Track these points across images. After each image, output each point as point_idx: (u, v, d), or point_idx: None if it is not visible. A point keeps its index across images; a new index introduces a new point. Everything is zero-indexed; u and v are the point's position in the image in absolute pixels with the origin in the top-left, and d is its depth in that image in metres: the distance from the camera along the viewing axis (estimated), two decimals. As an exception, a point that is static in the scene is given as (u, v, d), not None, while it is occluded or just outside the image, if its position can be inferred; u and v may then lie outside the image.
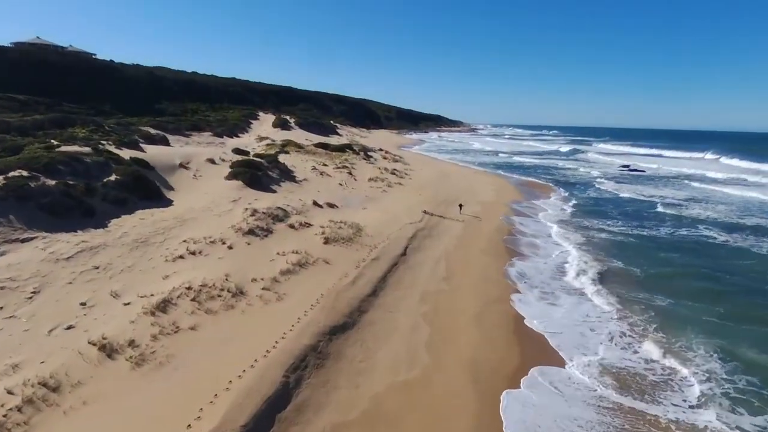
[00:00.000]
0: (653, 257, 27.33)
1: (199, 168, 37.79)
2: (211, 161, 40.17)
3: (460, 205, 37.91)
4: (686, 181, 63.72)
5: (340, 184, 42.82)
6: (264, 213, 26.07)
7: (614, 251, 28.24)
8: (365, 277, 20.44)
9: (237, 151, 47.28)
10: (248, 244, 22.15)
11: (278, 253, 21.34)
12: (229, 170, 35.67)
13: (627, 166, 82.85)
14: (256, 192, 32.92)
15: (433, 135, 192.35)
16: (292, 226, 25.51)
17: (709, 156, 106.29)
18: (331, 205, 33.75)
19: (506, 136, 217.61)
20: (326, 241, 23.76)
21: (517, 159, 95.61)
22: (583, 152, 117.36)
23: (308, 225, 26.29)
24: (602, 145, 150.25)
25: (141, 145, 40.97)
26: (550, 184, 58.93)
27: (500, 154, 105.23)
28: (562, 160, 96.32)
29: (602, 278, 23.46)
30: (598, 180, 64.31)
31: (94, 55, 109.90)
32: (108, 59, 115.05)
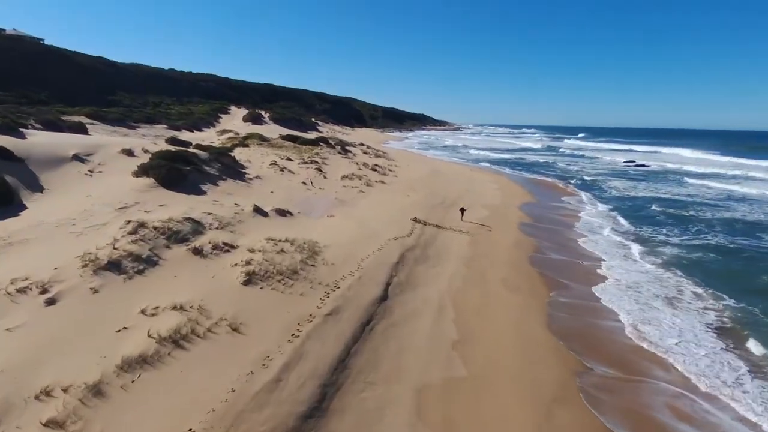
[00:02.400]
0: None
1: (104, 161, 27.41)
2: (128, 153, 29.77)
3: (462, 210, 28.14)
4: (690, 179, 53.91)
5: (304, 183, 32.71)
6: (155, 229, 15.89)
7: (717, 278, 18.86)
8: (305, 362, 10.44)
9: (173, 141, 36.95)
10: (94, 291, 11.97)
11: (142, 312, 11.23)
12: (142, 164, 25.34)
13: (632, 162, 74.50)
14: (171, 194, 22.67)
15: (419, 133, 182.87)
16: (198, 252, 15.38)
17: (699, 154, 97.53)
18: (283, 213, 23.66)
19: (490, 134, 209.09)
20: (248, 280, 13.70)
21: (508, 156, 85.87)
22: (581, 149, 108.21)
23: (228, 249, 16.18)
24: (586, 143, 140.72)
25: (25, 130, 30.31)
26: (558, 182, 49.53)
27: (493, 153, 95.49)
28: (558, 157, 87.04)
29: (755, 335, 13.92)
30: (604, 177, 55.06)
31: (42, 40, 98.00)
32: (62, 47, 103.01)
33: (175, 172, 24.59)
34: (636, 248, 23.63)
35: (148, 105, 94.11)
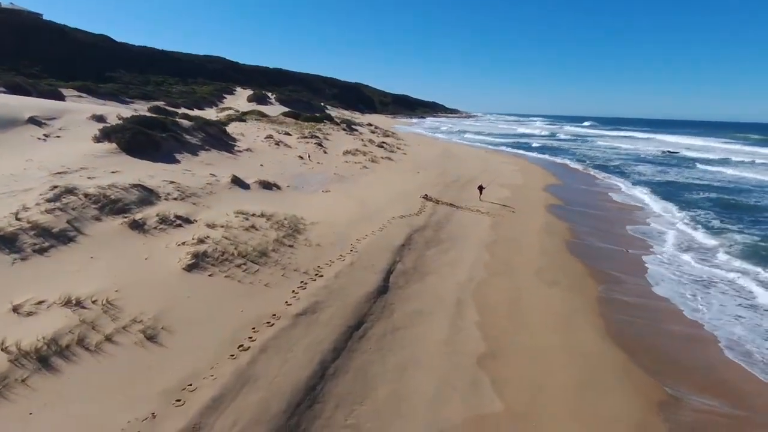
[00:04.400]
0: None
1: (67, 127, 23.68)
2: (99, 119, 25.97)
3: (480, 188, 24.06)
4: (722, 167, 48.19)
5: (300, 158, 28.81)
6: (85, 197, 12.10)
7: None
8: (249, 395, 6.58)
9: (156, 110, 33.21)
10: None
11: (15, 310, 7.43)
12: (104, 127, 21.55)
13: (669, 151, 68.77)
14: (134, 161, 18.89)
15: (429, 120, 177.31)
16: (137, 226, 11.56)
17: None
18: (268, 186, 19.82)
19: (493, 121, 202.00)
20: (193, 264, 9.87)
21: (524, 140, 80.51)
22: (589, 138, 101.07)
23: (181, 223, 12.34)
24: (587, 131, 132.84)
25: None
26: (578, 167, 44.84)
27: (491, 137, 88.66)
28: (558, 142, 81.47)
29: None
30: (631, 162, 50.24)
31: (41, 15, 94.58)
32: (61, 23, 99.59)
33: (143, 137, 20.79)
34: (691, 235, 19.50)
35: (149, 84, 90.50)
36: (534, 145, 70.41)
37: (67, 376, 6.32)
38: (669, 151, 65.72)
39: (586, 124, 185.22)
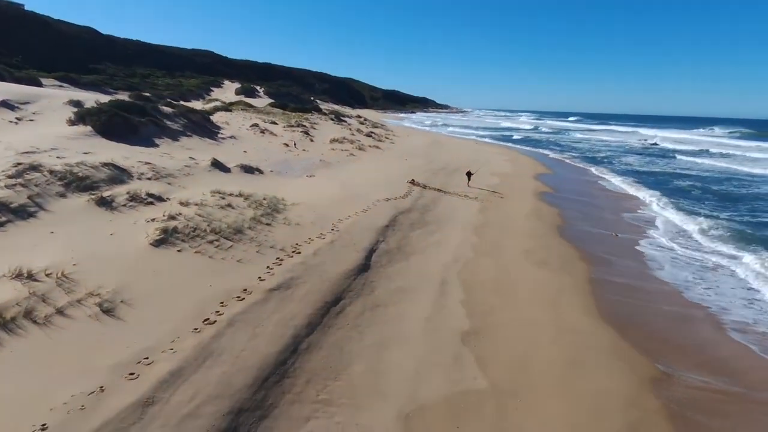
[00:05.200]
0: None
1: (42, 111, 22.84)
2: (76, 105, 25.16)
3: (469, 173, 23.63)
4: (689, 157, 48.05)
5: (286, 145, 28.18)
6: (51, 173, 11.44)
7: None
8: (210, 369, 6.06)
9: (138, 96, 32.30)
10: None
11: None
12: (79, 110, 20.78)
13: (655, 144, 68.93)
14: (108, 143, 18.15)
15: (419, 114, 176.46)
16: (104, 203, 10.93)
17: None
18: (250, 170, 19.22)
19: (480, 116, 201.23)
20: (161, 240, 9.29)
21: (486, 133, 79.24)
22: (565, 130, 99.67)
23: (152, 201, 11.72)
24: (571, 125, 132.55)
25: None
26: (564, 158, 44.56)
27: (472, 130, 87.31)
28: (539, 134, 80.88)
29: None
30: (618, 153, 50.11)
31: (22, 6, 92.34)
32: (44, 14, 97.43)
33: (120, 119, 20.06)
34: (679, 221, 19.24)
35: (135, 76, 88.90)
36: (515, 137, 70.23)
37: (9, 349, 5.75)
38: (653, 144, 66.08)
39: (571, 118, 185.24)
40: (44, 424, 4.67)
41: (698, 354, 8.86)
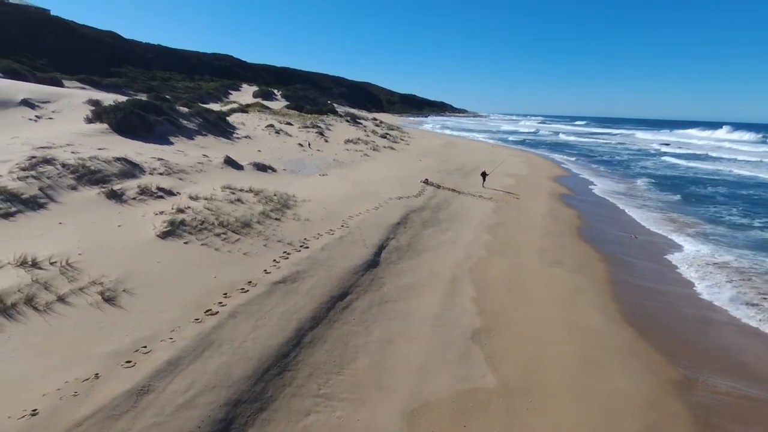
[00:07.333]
0: None
1: (61, 110, 23.21)
2: (95, 104, 25.53)
3: (484, 174, 23.28)
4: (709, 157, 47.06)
5: (300, 145, 28.17)
6: (63, 167, 11.52)
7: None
8: (209, 359, 5.89)
9: (156, 97, 32.68)
10: None
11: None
12: (96, 108, 21.04)
13: (667, 144, 67.78)
14: (124, 140, 18.31)
15: (435, 118, 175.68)
16: (114, 195, 10.94)
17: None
18: (263, 168, 19.20)
19: (485, 120, 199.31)
20: (168, 232, 9.21)
21: (481, 136, 77.17)
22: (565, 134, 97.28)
23: (162, 195, 11.71)
24: (575, 128, 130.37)
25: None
26: (580, 161, 43.86)
27: (467, 132, 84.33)
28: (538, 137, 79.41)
29: None
30: (639, 158, 49.09)
31: (48, 11, 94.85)
32: (69, 19, 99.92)
33: (136, 118, 20.24)
34: (702, 226, 18.61)
35: (155, 79, 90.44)
36: (510, 138, 69.84)
37: (8, 335, 5.67)
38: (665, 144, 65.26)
39: (578, 122, 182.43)
40: (35, 410, 4.55)
41: (722, 357, 8.42)
